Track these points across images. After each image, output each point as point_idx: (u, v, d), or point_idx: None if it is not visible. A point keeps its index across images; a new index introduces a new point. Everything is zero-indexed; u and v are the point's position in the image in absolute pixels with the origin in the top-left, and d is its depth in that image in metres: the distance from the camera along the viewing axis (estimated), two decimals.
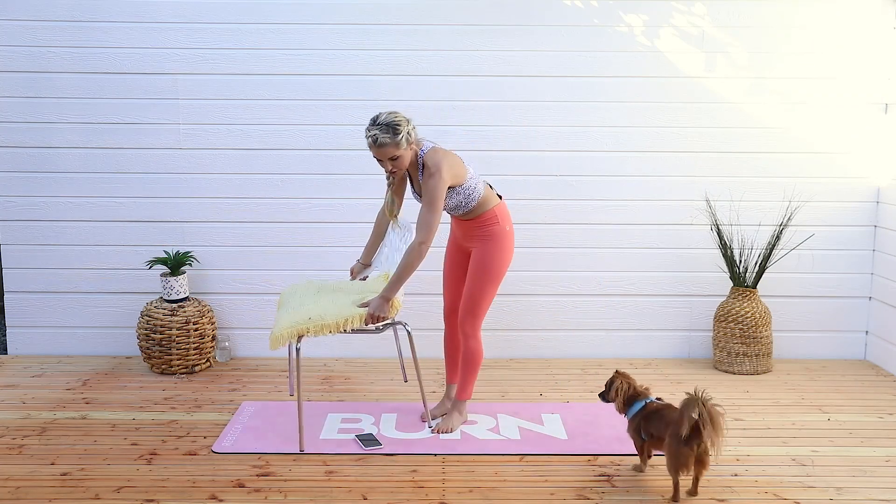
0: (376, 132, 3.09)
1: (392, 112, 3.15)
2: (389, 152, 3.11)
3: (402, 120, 3.12)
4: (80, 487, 2.92)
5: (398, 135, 3.08)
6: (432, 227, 3.13)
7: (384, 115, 3.13)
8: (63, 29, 4.26)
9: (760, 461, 3.18)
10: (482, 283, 3.31)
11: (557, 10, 4.28)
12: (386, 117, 3.11)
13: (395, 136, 3.08)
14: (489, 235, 3.32)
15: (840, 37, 4.31)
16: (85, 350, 4.53)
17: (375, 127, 3.10)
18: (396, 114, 3.14)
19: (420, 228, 3.15)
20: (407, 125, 3.12)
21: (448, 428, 3.42)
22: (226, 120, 4.34)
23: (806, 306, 4.54)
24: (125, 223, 4.44)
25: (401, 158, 3.14)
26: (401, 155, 3.13)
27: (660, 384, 4.11)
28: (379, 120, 3.11)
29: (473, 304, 3.34)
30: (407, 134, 3.11)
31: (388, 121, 3.10)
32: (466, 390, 3.48)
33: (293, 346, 3.21)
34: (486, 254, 3.31)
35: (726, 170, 4.42)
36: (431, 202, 3.12)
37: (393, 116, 3.12)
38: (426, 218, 3.13)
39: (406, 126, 3.12)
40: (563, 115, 4.36)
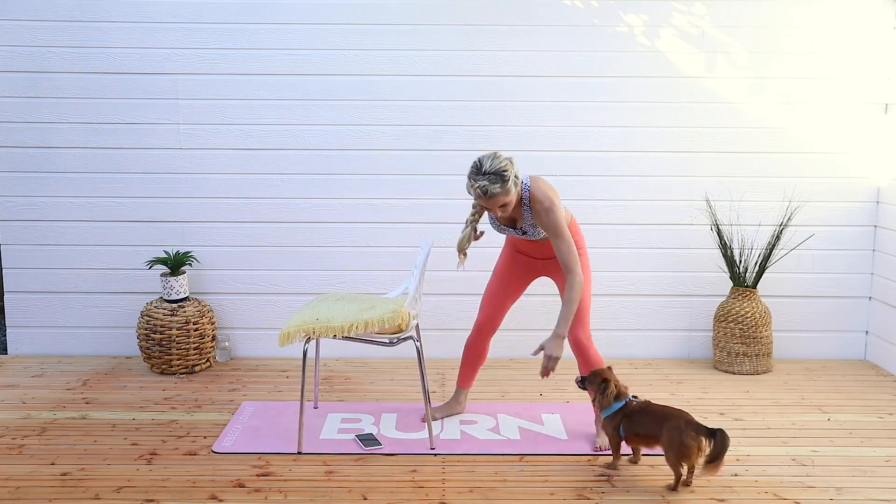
0: (485, 183, 2.94)
1: (494, 156, 2.97)
2: (500, 201, 2.99)
3: (506, 163, 2.96)
4: (80, 487, 2.92)
5: (507, 181, 2.95)
6: (576, 257, 3.05)
7: (487, 160, 2.96)
8: (63, 29, 4.26)
9: (760, 461, 3.18)
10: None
11: (557, 10, 4.28)
12: (491, 164, 2.94)
13: (504, 183, 2.94)
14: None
15: (840, 37, 4.31)
16: (85, 350, 4.53)
17: (483, 177, 2.94)
18: (498, 157, 2.97)
19: (568, 263, 3.04)
20: (511, 167, 2.98)
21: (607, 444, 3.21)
22: (226, 120, 4.35)
23: (806, 306, 4.54)
24: (125, 223, 4.44)
25: (510, 202, 3.03)
26: (510, 199, 3.02)
27: (660, 384, 4.11)
28: (484, 168, 2.94)
29: (581, 313, 3.23)
30: (514, 176, 2.98)
31: (495, 168, 2.94)
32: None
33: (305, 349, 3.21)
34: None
35: (726, 170, 4.42)
36: (561, 234, 3.03)
37: (497, 163, 2.95)
38: (566, 250, 3.03)
39: (511, 168, 2.97)
40: (563, 115, 4.36)
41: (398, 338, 3.27)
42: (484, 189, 2.95)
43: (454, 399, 3.61)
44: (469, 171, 3.01)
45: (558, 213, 3.04)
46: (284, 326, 3.21)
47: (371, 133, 4.37)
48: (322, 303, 3.45)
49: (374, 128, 4.36)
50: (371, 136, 4.37)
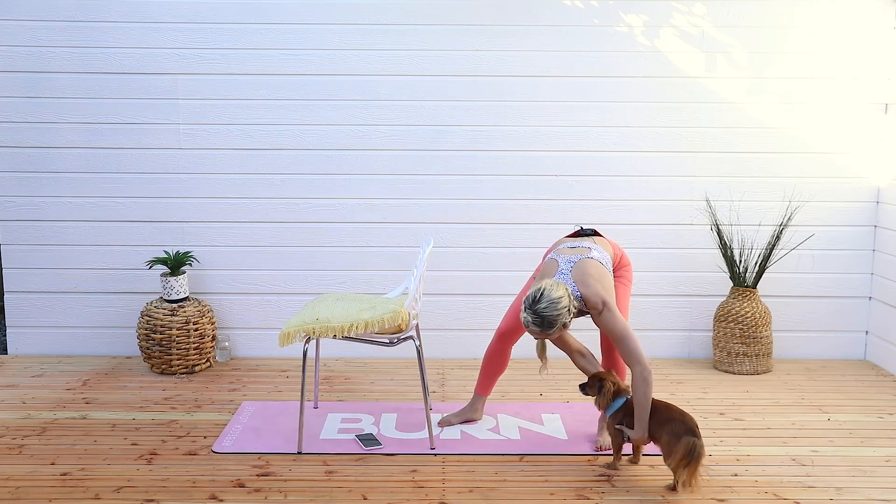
0: (529, 319, 2.90)
1: (555, 300, 2.87)
2: (542, 337, 3.00)
3: (561, 312, 2.88)
4: (80, 487, 2.92)
5: (552, 327, 2.91)
6: (639, 350, 2.93)
7: (545, 302, 2.87)
8: (63, 29, 4.26)
9: (760, 461, 3.18)
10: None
11: (558, 11, 4.28)
12: (546, 307, 2.87)
13: (548, 328, 2.91)
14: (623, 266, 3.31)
15: (840, 37, 4.31)
16: (85, 350, 4.53)
17: (530, 313, 2.89)
18: (558, 303, 2.87)
19: (630, 360, 2.95)
20: (565, 317, 2.90)
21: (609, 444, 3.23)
22: (226, 120, 4.35)
23: (806, 306, 4.54)
24: (125, 223, 4.44)
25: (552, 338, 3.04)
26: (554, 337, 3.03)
27: (660, 384, 4.11)
28: (538, 308, 2.88)
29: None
30: (562, 325, 2.92)
31: (547, 314, 2.87)
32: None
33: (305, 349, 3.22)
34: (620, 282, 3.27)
35: (726, 170, 4.42)
36: (620, 334, 2.95)
37: (553, 309, 2.87)
38: (628, 348, 2.94)
39: (564, 318, 2.90)
40: (563, 115, 4.36)
41: (398, 338, 3.27)
42: (525, 322, 2.93)
43: (471, 406, 3.55)
44: (526, 296, 2.94)
45: (613, 315, 2.96)
46: (284, 326, 3.21)
47: (371, 133, 4.36)
48: (322, 303, 3.45)
49: (374, 128, 4.36)
50: (371, 136, 4.37)
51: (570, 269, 3.07)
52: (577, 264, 3.08)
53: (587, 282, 3.01)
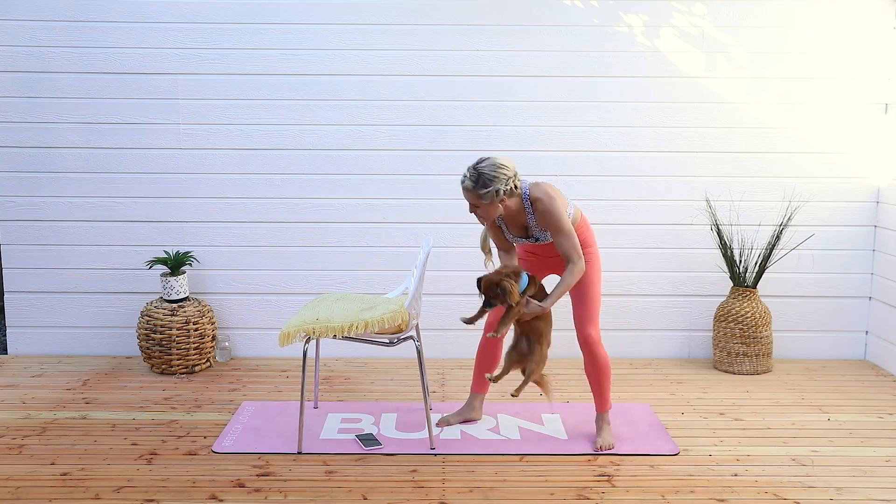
0: (466, 174, 2.99)
1: (499, 165, 2.97)
2: (470, 198, 3.02)
3: (500, 177, 2.96)
4: (80, 487, 2.92)
5: (486, 188, 2.95)
6: (578, 248, 3.05)
7: (488, 163, 2.97)
8: (63, 29, 4.26)
9: (760, 461, 3.18)
10: (593, 287, 3.20)
11: (558, 11, 4.28)
12: (486, 166, 2.96)
13: (481, 188, 2.96)
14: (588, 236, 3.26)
15: (840, 37, 4.31)
16: (85, 350, 4.53)
17: (471, 169, 2.99)
18: (501, 168, 2.97)
19: (570, 256, 3.05)
20: (503, 183, 2.96)
21: (608, 444, 3.28)
22: (226, 120, 4.35)
23: (806, 306, 4.54)
24: (125, 223, 4.44)
25: (482, 210, 3.03)
26: (481, 207, 3.02)
27: (660, 384, 4.11)
28: (479, 165, 2.98)
29: (592, 310, 3.21)
30: (496, 192, 2.96)
31: (485, 171, 2.95)
32: (607, 401, 3.35)
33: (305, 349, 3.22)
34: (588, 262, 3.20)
35: (726, 170, 4.42)
36: (562, 230, 3.03)
37: (493, 170, 2.96)
38: (568, 244, 3.04)
39: (501, 184, 2.96)
40: (563, 115, 4.36)
41: (398, 338, 3.27)
42: (462, 178, 3.02)
43: (469, 405, 3.56)
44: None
45: (557, 207, 3.03)
46: (284, 326, 3.21)
47: (371, 133, 4.37)
48: (322, 303, 3.45)
49: (374, 128, 4.36)
50: (371, 136, 4.37)
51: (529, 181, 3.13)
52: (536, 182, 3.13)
53: (539, 184, 3.09)
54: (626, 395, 3.94)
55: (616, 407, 3.74)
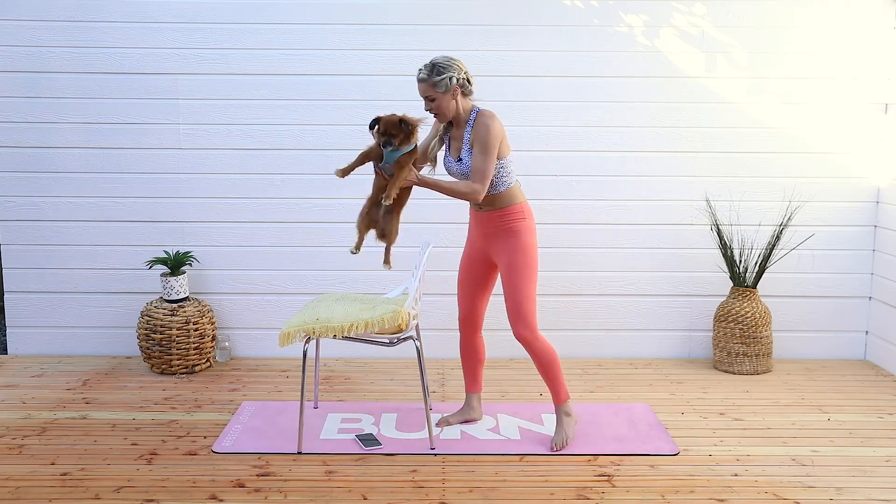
0: (421, 67, 3.09)
1: (452, 58, 3.10)
2: (426, 91, 3.08)
3: (453, 66, 3.06)
4: (80, 487, 2.92)
5: (440, 75, 3.04)
6: (487, 174, 3.07)
7: (441, 56, 3.10)
8: (63, 29, 4.26)
9: (760, 461, 3.18)
10: (520, 282, 3.18)
11: (557, 10, 4.28)
12: (440, 57, 3.09)
13: (436, 75, 3.05)
14: (514, 231, 3.18)
15: (840, 37, 4.31)
16: (85, 350, 4.53)
17: (426, 63, 3.09)
18: (453, 59, 3.09)
19: (475, 175, 3.08)
20: (456, 72, 3.06)
21: (564, 441, 3.26)
22: (226, 120, 4.35)
23: (806, 306, 4.54)
24: (125, 223, 4.44)
25: (437, 103, 3.10)
26: (436, 98, 3.08)
27: (660, 384, 4.11)
28: (433, 59, 3.09)
29: (524, 307, 3.18)
30: (449, 79, 3.05)
31: (439, 61, 3.07)
32: (561, 393, 3.30)
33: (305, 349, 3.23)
34: (516, 251, 3.18)
35: (726, 170, 4.42)
36: (486, 146, 3.06)
37: (447, 60, 3.07)
38: (482, 165, 3.06)
39: (454, 73, 3.05)
40: (563, 115, 4.36)
41: (398, 338, 3.27)
42: (417, 73, 3.09)
43: (467, 405, 3.56)
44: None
45: (495, 129, 3.07)
46: (284, 326, 3.21)
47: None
48: (322, 303, 3.45)
49: None
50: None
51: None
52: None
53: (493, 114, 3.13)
54: (626, 395, 3.94)
55: (616, 407, 3.75)
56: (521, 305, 3.19)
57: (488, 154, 3.06)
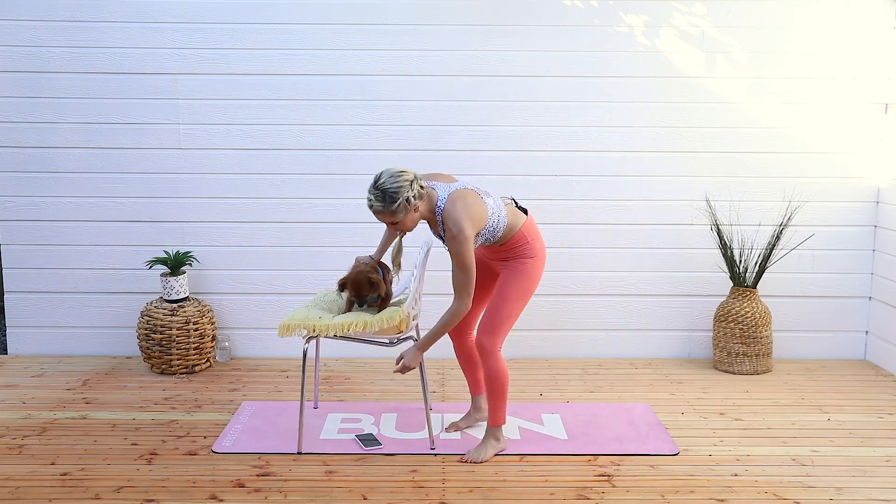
0: (371, 198, 2.91)
1: (397, 174, 2.89)
2: (385, 219, 2.95)
3: (403, 185, 2.87)
4: (80, 487, 2.93)
5: (395, 202, 2.88)
6: (469, 288, 3.00)
7: (386, 175, 2.90)
8: (63, 29, 4.26)
9: (760, 461, 3.18)
10: (511, 302, 3.11)
11: (557, 10, 4.28)
12: (386, 181, 2.88)
13: (390, 203, 2.88)
14: (520, 256, 3.14)
15: (840, 37, 4.31)
16: (85, 350, 4.53)
17: (373, 190, 2.90)
18: (399, 176, 2.89)
19: (458, 292, 3.01)
20: (408, 190, 2.88)
21: (481, 458, 3.16)
22: (226, 120, 4.35)
23: (806, 306, 4.54)
24: (125, 223, 4.44)
25: (401, 222, 2.97)
26: (400, 220, 2.95)
27: (660, 384, 4.11)
28: (378, 182, 2.90)
29: (499, 322, 3.11)
30: (405, 201, 2.89)
31: (387, 186, 2.87)
32: (498, 416, 3.19)
33: (305, 349, 3.23)
34: (519, 274, 3.12)
35: (726, 170, 4.42)
36: (462, 265, 2.97)
37: (393, 181, 2.87)
38: (461, 281, 2.99)
39: (407, 192, 2.88)
40: (563, 115, 4.36)
41: (398, 338, 3.27)
42: (369, 202, 2.92)
43: (473, 407, 3.53)
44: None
45: (465, 246, 2.93)
46: (285, 318, 3.23)
47: (371, 133, 4.37)
48: (323, 301, 3.45)
49: (374, 128, 4.36)
50: (371, 136, 4.37)
51: (460, 188, 3.01)
52: (459, 190, 3.00)
53: (455, 203, 2.96)
54: (626, 395, 3.94)
55: (616, 407, 3.75)
56: (500, 322, 3.12)
57: (465, 269, 2.97)
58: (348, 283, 3.22)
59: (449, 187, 3.03)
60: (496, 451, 3.21)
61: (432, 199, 3.00)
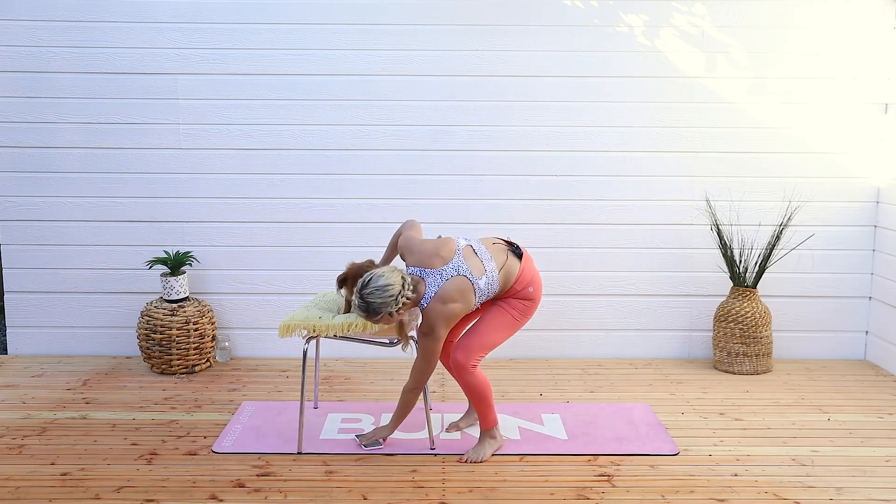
0: (356, 303, 2.96)
1: (383, 287, 2.90)
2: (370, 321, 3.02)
3: (388, 301, 2.90)
4: (80, 487, 2.93)
5: (378, 314, 2.93)
6: (425, 377, 3.07)
7: (373, 287, 2.90)
8: (63, 29, 4.26)
9: (760, 461, 3.18)
10: (497, 330, 3.14)
11: (557, 10, 4.28)
12: (370, 292, 2.90)
13: (374, 315, 2.94)
14: (516, 298, 3.15)
15: (840, 37, 4.31)
16: (85, 350, 4.53)
17: (358, 297, 2.94)
18: (385, 291, 2.89)
19: (414, 375, 3.07)
20: (392, 305, 2.91)
21: (479, 457, 3.16)
22: (226, 120, 4.35)
23: (806, 306, 4.54)
24: (125, 223, 4.44)
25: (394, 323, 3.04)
26: (391, 322, 3.01)
27: (660, 384, 4.11)
28: (365, 293, 2.91)
29: (479, 346, 3.11)
30: (388, 314, 2.93)
31: (371, 300, 2.90)
32: (488, 421, 3.20)
33: (305, 349, 3.23)
34: (512, 308, 3.15)
35: (726, 170, 4.42)
36: (427, 357, 3.02)
37: (379, 295, 2.89)
38: (420, 367, 3.05)
39: (390, 307, 2.91)
40: (563, 115, 4.36)
41: (398, 338, 3.27)
42: (353, 305, 3.01)
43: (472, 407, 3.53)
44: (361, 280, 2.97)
45: (433, 346, 3.00)
46: (286, 318, 3.23)
47: (371, 133, 4.37)
48: (323, 301, 3.46)
49: (374, 128, 4.36)
50: (371, 136, 4.37)
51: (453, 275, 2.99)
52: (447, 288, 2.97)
53: (436, 305, 2.96)
54: (626, 395, 3.94)
55: (616, 407, 3.75)
56: (480, 345, 3.11)
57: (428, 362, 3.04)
58: (349, 278, 3.21)
59: (441, 277, 2.99)
60: (494, 449, 3.22)
61: (419, 293, 3.01)
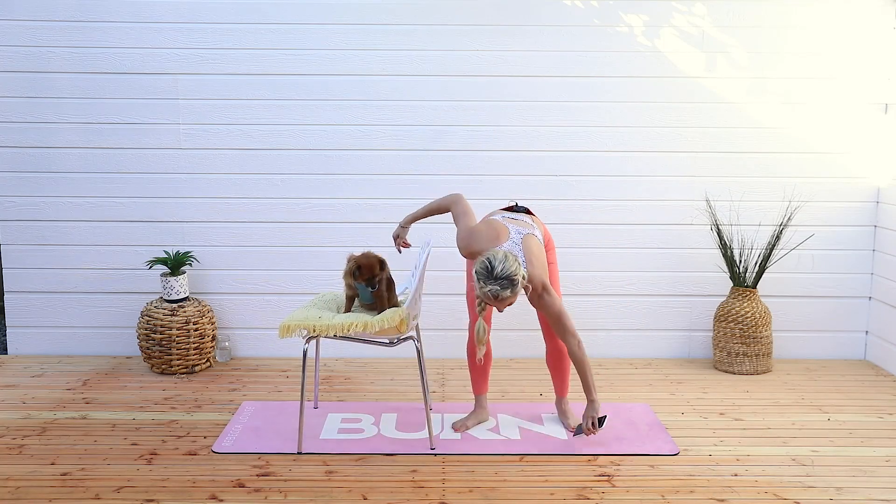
0: (497, 289, 2.90)
1: (504, 259, 2.92)
2: (509, 302, 2.97)
3: (516, 267, 2.91)
4: (80, 487, 2.92)
5: (517, 284, 2.92)
6: (572, 324, 3.15)
7: (498, 264, 2.91)
8: (63, 29, 4.26)
9: (760, 461, 3.18)
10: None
11: (557, 10, 4.28)
12: (502, 269, 2.90)
13: (515, 287, 2.91)
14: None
15: (840, 37, 4.31)
16: (85, 350, 4.53)
17: (494, 282, 2.90)
18: (507, 259, 2.92)
19: (566, 335, 3.15)
20: (520, 267, 2.93)
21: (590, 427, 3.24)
22: (226, 120, 4.35)
23: (806, 306, 4.54)
24: (125, 223, 4.44)
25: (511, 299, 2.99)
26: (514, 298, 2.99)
27: (660, 384, 4.11)
28: (496, 272, 2.90)
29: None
30: (523, 277, 2.93)
31: (506, 273, 2.89)
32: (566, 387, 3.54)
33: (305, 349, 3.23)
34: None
35: (726, 170, 4.42)
36: (559, 315, 3.11)
37: (508, 266, 2.90)
38: (564, 326, 3.13)
39: (520, 269, 2.92)
40: (563, 115, 4.36)
41: (398, 338, 3.27)
42: (495, 294, 2.92)
43: (478, 406, 3.55)
44: (477, 271, 2.94)
45: (554, 301, 3.10)
46: (286, 319, 3.22)
47: (371, 133, 4.37)
48: (322, 302, 3.45)
49: (374, 128, 4.36)
50: (371, 136, 4.37)
51: (521, 241, 3.13)
52: (525, 238, 3.14)
53: (532, 261, 3.08)
54: (626, 395, 3.94)
55: (616, 407, 3.75)
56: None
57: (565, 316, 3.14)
58: (363, 267, 3.27)
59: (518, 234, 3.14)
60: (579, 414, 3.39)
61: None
